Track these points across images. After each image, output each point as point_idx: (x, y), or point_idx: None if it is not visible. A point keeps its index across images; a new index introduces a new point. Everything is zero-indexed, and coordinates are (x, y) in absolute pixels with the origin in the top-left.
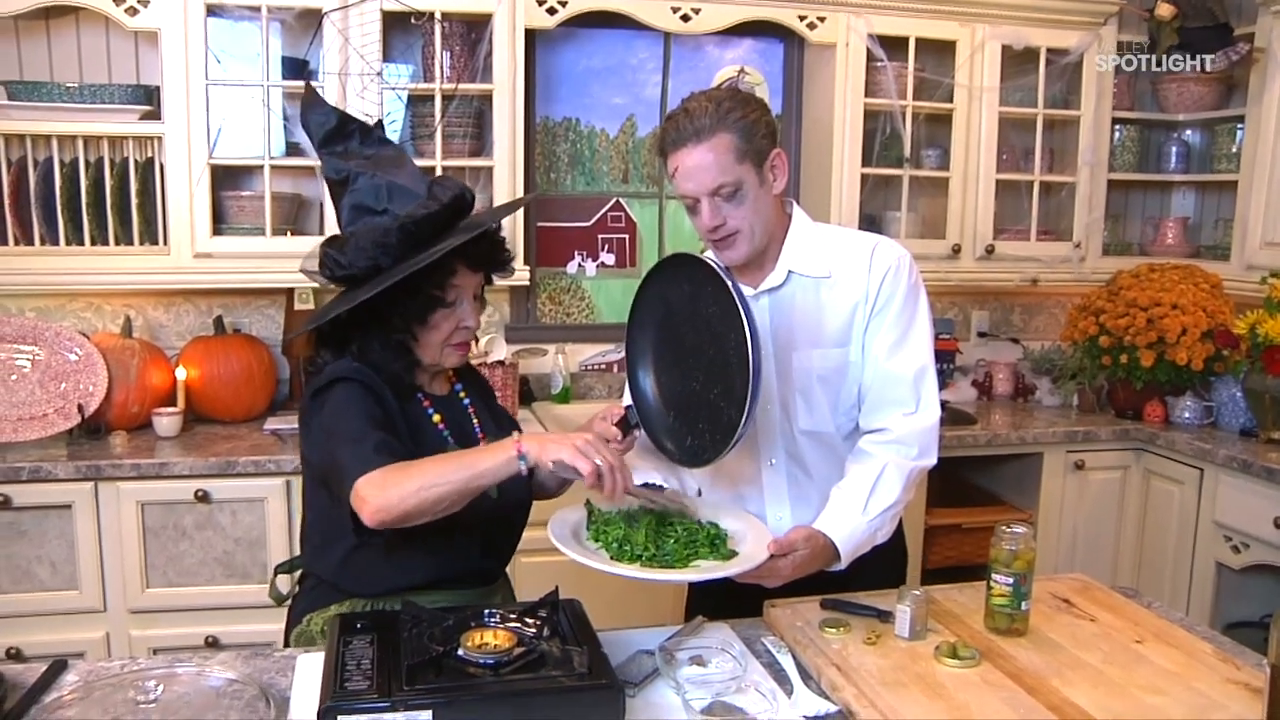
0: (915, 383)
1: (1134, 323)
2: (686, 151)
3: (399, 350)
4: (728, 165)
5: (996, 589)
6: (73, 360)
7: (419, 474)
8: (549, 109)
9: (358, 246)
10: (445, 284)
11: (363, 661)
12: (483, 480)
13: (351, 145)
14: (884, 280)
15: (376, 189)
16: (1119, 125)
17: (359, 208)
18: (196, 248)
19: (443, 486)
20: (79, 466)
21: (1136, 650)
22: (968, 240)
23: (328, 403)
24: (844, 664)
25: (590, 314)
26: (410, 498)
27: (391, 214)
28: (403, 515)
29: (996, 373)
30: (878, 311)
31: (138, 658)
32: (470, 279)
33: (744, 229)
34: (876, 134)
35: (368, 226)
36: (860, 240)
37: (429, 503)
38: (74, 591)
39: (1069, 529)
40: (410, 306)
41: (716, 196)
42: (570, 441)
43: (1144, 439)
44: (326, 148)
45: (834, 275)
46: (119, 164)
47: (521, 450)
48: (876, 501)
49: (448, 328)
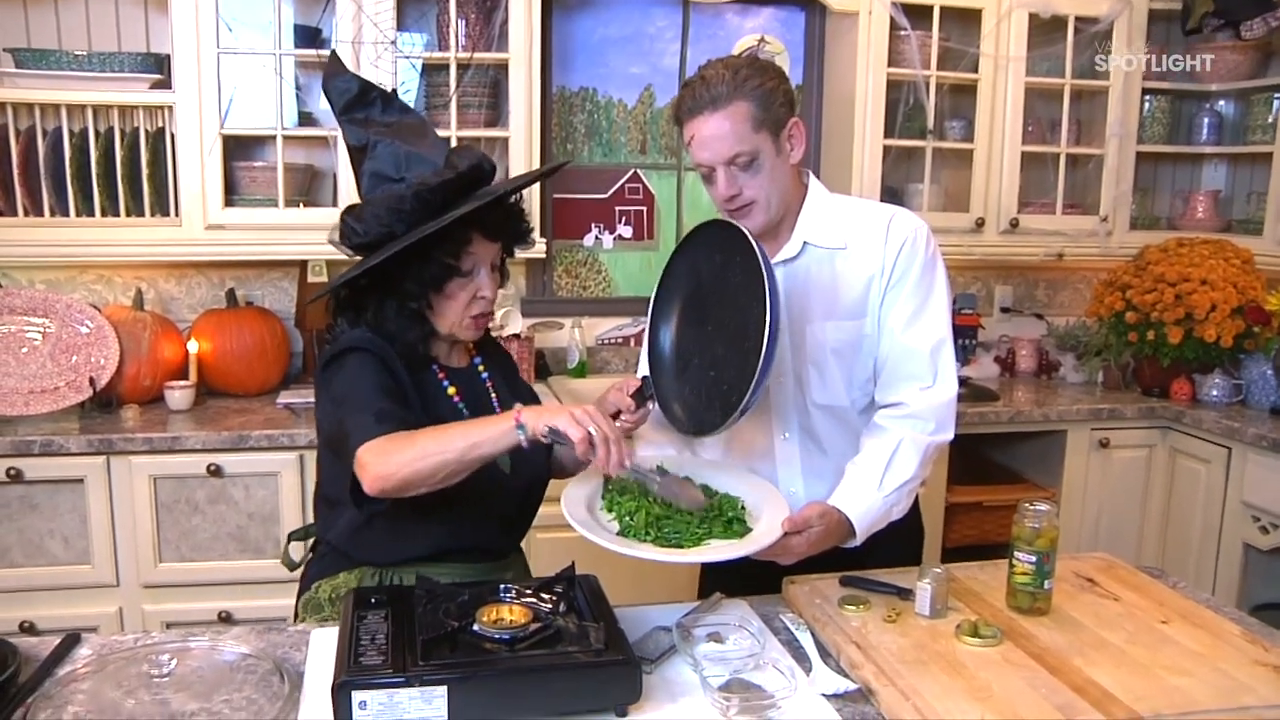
0: (932, 356)
1: (1161, 298)
2: (703, 120)
3: (415, 319)
4: (744, 134)
5: (1019, 567)
6: (84, 333)
7: (418, 443)
8: (565, 79)
9: (373, 214)
10: (461, 252)
11: (377, 636)
12: (480, 451)
13: (373, 113)
14: (900, 252)
15: (396, 157)
16: (1149, 95)
17: (378, 176)
18: (208, 219)
19: (440, 456)
20: (91, 440)
21: (1161, 631)
22: (991, 214)
23: (340, 371)
24: (863, 642)
25: (607, 287)
26: (407, 466)
27: (408, 182)
28: (401, 483)
29: (1020, 349)
30: (894, 284)
31: (151, 632)
32: (487, 249)
33: (760, 199)
34: (899, 105)
35: (384, 194)
36: (877, 211)
37: (427, 472)
38: (86, 566)
39: (1093, 508)
40: (425, 274)
41: (733, 166)
42: (568, 409)
43: (1170, 417)
44: (347, 115)
45: (850, 247)
46: (129, 134)
47: (520, 420)
48: (892, 477)
49: (464, 297)
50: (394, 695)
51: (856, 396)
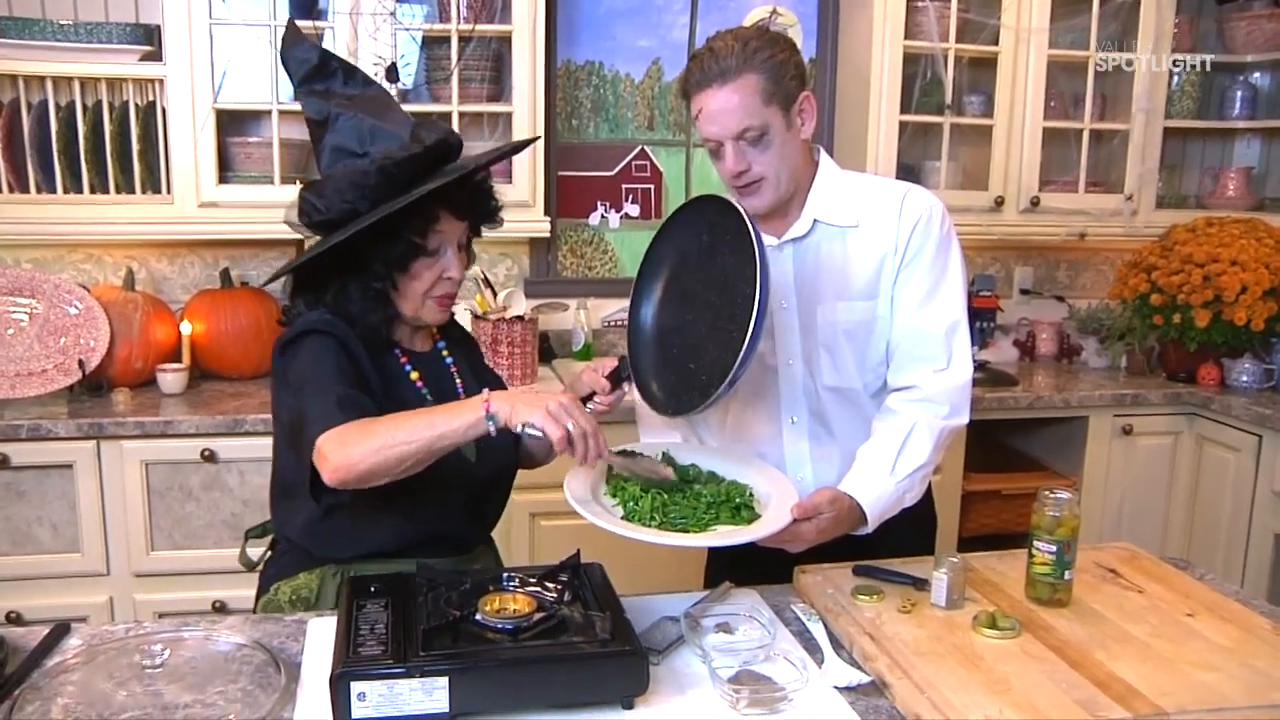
0: (946, 338)
1: (1189, 280)
2: (711, 93)
3: (378, 300)
4: (754, 108)
5: (1038, 557)
6: (73, 314)
7: (381, 431)
8: (571, 52)
9: (335, 190)
10: (427, 230)
11: (376, 626)
12: (448, 440)
13: (334, 85)
14: (914, 230)
15: (359, 131)
16: (1178, 68)
17: (339, 150)
18: (201, 196)
19: (405, 446)
20: (80, 424)
21: (1188, 624)
22: (1011, 192)
23: (297, 355)
24: (877, 633)
25: (613, 267)
26: (370, 456)
27: (372, 157)
28: (364, 474)
29: (1040, 332)
30: (907, 263)
31: (143, 622)
32: (454, 227)
33: (769, 175)
34: (916, 79)
35: (346, 170)
36: (890, 189)
37: (390, 462)
38: (76, 554)
39: (1115, 497)
40: (390, 253)
41: (741, 141)
42: (543, 403)
43: (1197, 403)
44: (306, 86)
45: (862, 225)
46: (118, 108)
47: (490, 410)
48: (905, 462)
49: (430, 277)
50: (394, 686)
51: (869, 380)
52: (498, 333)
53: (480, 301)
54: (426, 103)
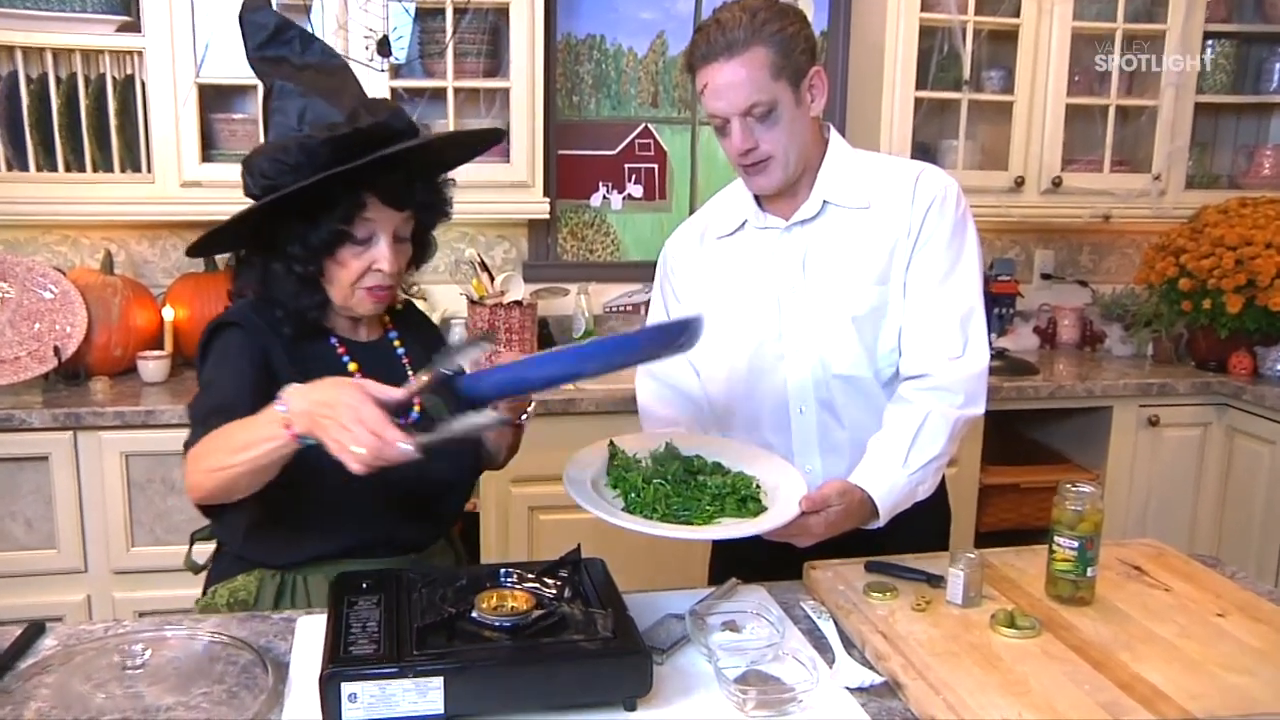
0: (962, 324)
1: (1220, 264)
2: (717, 67)
3: (306, 285)
4: (762, 82)
5: (1059, 553)
6: (47, 299)
7: (213, 451)
8: (571, 25)
9: (259, 166)
10: (355, 218)
11: (368, 624)
12: (269, 459)
13: (288, 53)
14: (928, 212)
15: (298, 105)
16: (1212, 40)
17: (280, 125)
18: (184, 175)
19: (233, 469)
20: (56, 415)
21: (1217, 624)
22: (1032, 172)
23: (208, 353)
24: (891, 632)
25: (615, 251)
26: (207, 480)
27: (306, 134)
28: (209, 495)
29: (1062, 318)
30: (921, 246)
31: (123, 621)
32: (388, 216)
33: (777, 154)
34: (933, 53)
35: (271, 143)
36: (903, 168)
37: (226, 483)
38: (51, 551)
39: (1141, 491)
40: (311, 238)
41: (749, 117)
42: (337, 420)
43: (1228, 393)
44: (259, 53)
45: (873, 206)
46: (94, 81)
47: (296, 431)
48: (918, 454)
49: (358, 267)
50: (386, 687)
51: (880, 367)
52: (494, 319)
53: (477, 286)
54: (420, 78)
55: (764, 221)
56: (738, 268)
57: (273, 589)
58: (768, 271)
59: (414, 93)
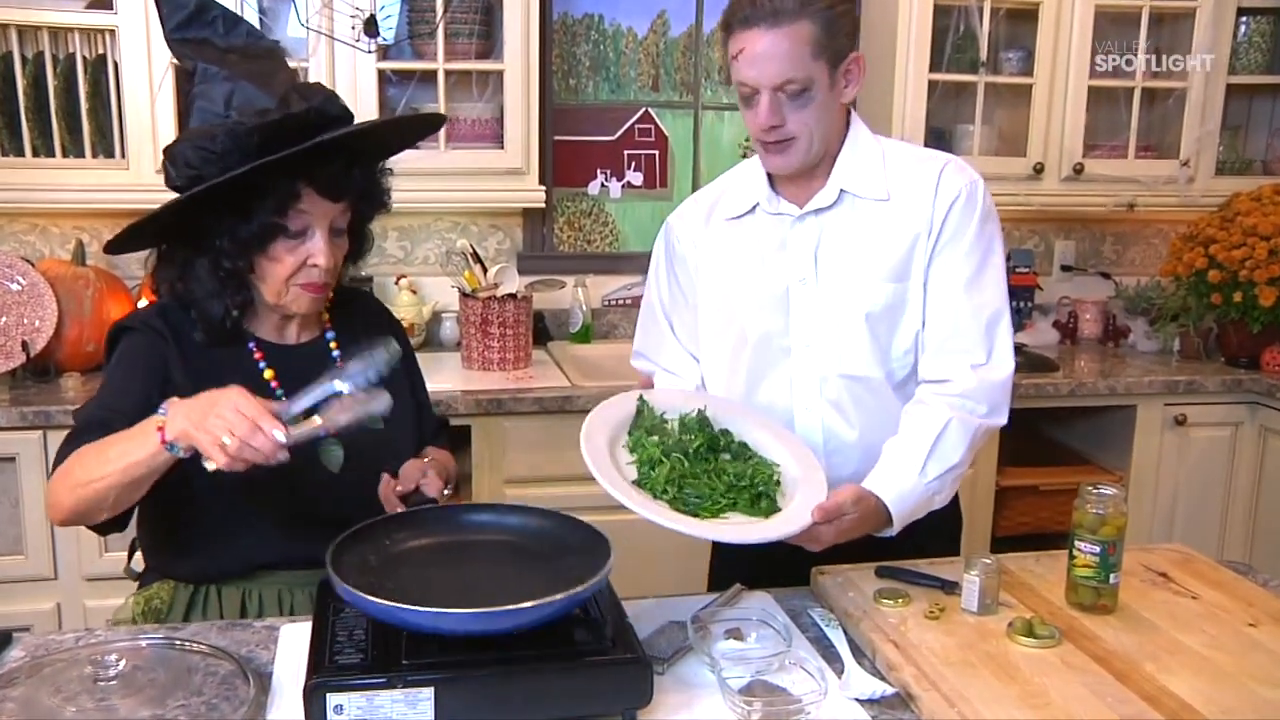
0: (987, 330)
1: (1252, 254)
2: (758, 34)
3: (230, 284)
4: (801, 59)
5: (1080, 559)
6: (15, 290)
7: (81, 465)
8: (568, 4)
9: (182, 154)
10: (288, 209)
11: (355, 632)
12: (139, 471)
13: (211, 34)
14: (951, 208)
15: (224, 90)
16: (1246, 16)
17: (204, 110)
18: (160, 161)
19: (98, 482)
20: (24, 413)
21: (1249, 635)
22: (1053, 158)
23: (109, 357)
24: (903, 640)
25: (614, 241)
26: (69, 494)
27: (233, 120)
28: (73, 513)
29: (1083, 312)
30: (944, 245)
31: (95, 630)
32: (324, 208)
33: (802, 136)
34: (948, 33)
35: (195, 130)
36: (926, 160)
37: (92, 499)
38: (19, 557)
39: (1167, 493)
40: (242, 232)
41: (780, 92)
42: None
43: (1260, 391)
44: (180, 33)
45: (893, 198)
46: (63, 61)
47: (167, 437)
48: (936, 462)
49: (292, 262)
50: (374, 698)
51: (894, 369)
52: (488, 312)
53: (469, 278)
54: (409, 59)
55: (776, 207)
56: (745, 253)
57: (184, 600)
58: (777, 260)
59: (403, 75)
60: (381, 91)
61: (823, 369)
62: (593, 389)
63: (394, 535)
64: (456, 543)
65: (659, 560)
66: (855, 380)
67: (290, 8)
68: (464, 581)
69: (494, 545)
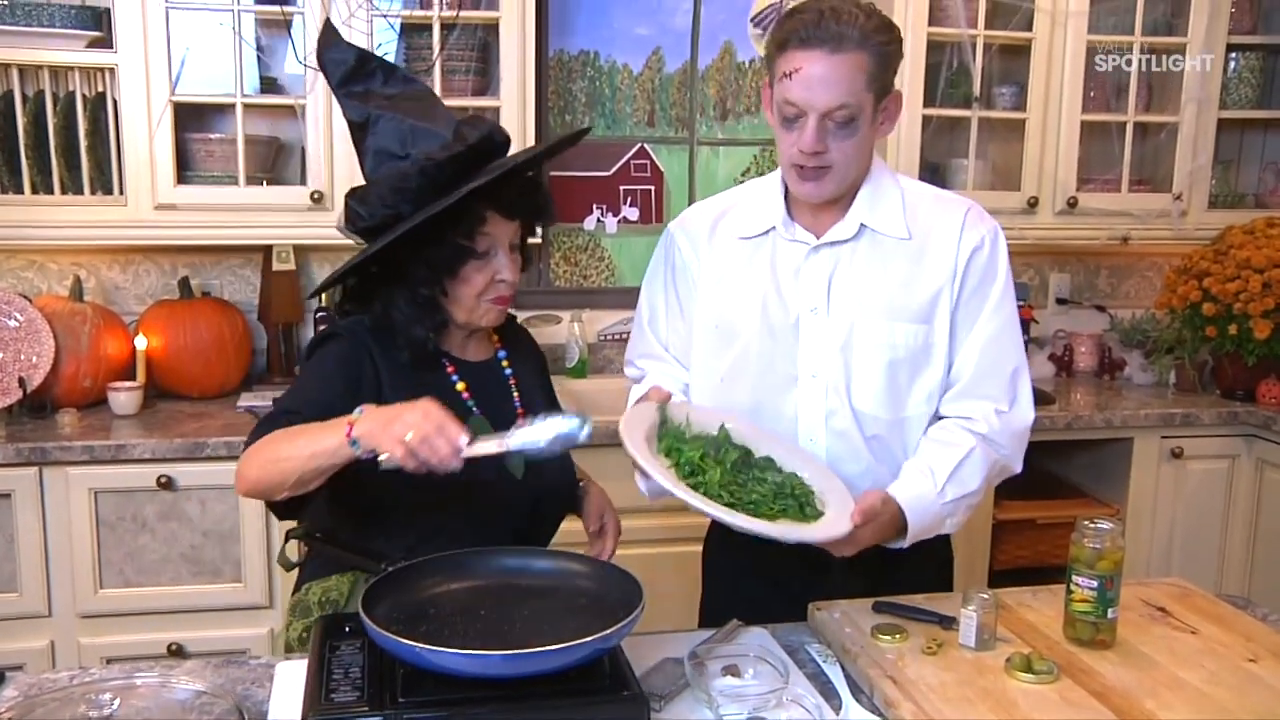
0: (1011, 380)
1: (1246, 287)
2: (818, 56)
3: (427, 308)
4: (855, 88)
5: (1078, 593)
6: (12, 327)
7: (274, 445)
8: (564, 40)
9: (377, 195)
10: (475, 232)
11: (351, 669)
12: (321, 461)
13: (373, 85)
14: (974, 256)
15: (400, 132)
16: (1236, 52)
17: (381, 153)
18: (158, 198)
19: (285, 463)
20: (20, 449)
21: (1249, 670)
22: (1046, 192)
23: (309, 362)
24: (900, 676)
25: (610, 276)
26: (257, 469)
27: (413, 158)
28: (255, 486)
29: (1079, 345)
30: (971, 295)
31: (89, 668)
32: (504, 227)
33: (839, 165)
34: (941, 69)
35: (387, 173)
36: (948, 203)
37: (276, 478)
38: (13, 594)
39: (1164, 526)
40: (437, 258)
41: (829, 119)
42: (402, 437)
43: (1257, 423)
44: (345, 89)
45: (915, 239)
46: (63, 99)
47: (352, 435)
48: (955, 486)
49: (481, 281)
50: None
51: (909, 416)
52: None
53: None
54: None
55: (792, 234)
56: (755, 276)
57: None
58: (790, 287)
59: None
60: None
61: (830, 401)
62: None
63: (423, 581)
64: (489, 587)
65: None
66: (868, 419)
67: (288, 44)
68: (500, 625)
69: (528, 590)
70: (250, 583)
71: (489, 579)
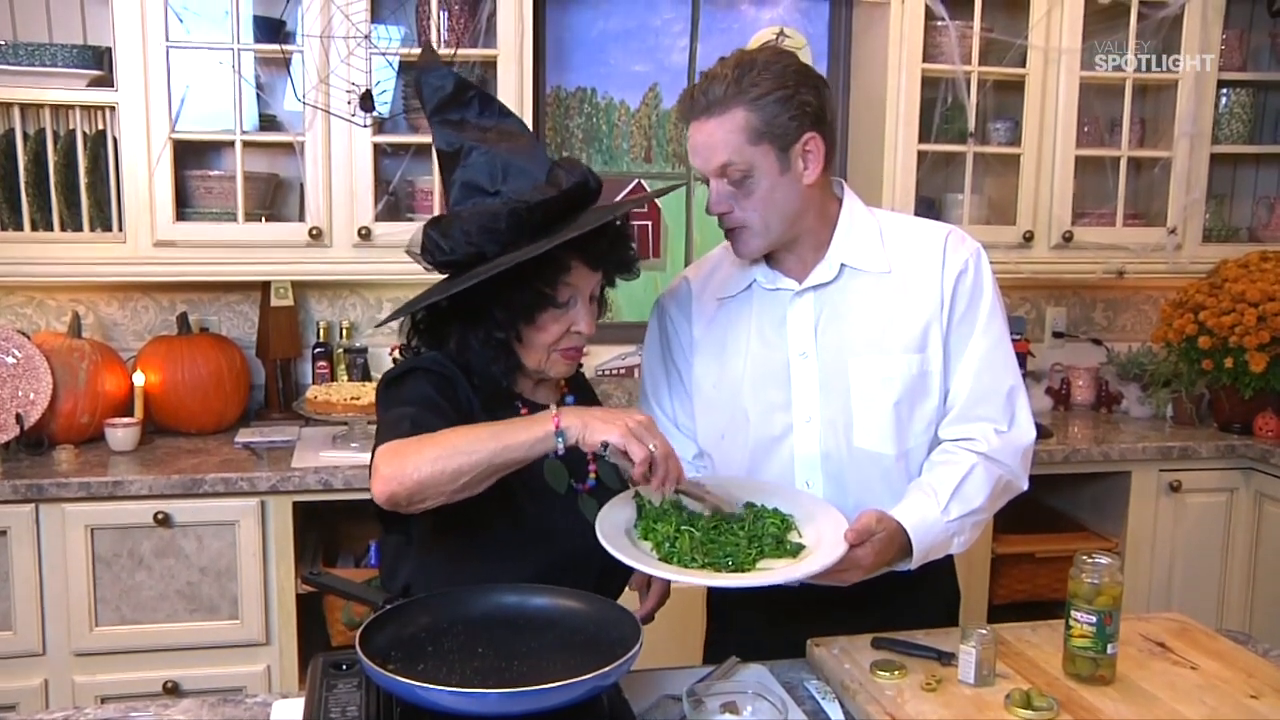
0: (1008, 400)
1: (1241, 320)
2: (698, 124)
3: (500, 351)
4: (736, 146)
5: (1077, 629)
6: (10, 363)
7: (441, 440)
8: (561, 77)
9: (462, 230)
10: (558, 281)
11: (349, 707)
12: (512, 454)
13: (468, 115)
14: (960, 281)
15: (492, 166)
16: (1227, 88)
17: (470, 186)
18: (157, 235)
19: (466, 456)
20: (16, 486)
21: (1251, 706)
22: (1042, 226)
23: (394, 391)
24: (899, 713)
25: (608, 312)
26: (424, 465)
27: (504, 196)
28: (414, 487)
29: (1075, 379)
30: (960, 320)
31: (84, 708)
32: (587, 278)
33: (752, 223)
34: (936, 104)
35: (475, 209)
36: (927, 232)
37: (447, 474)
38: (7, 632)
39: (1163, 561)
40: (516, 303)
41: (724, 179)
42: (621, 420)
43: (1254, 456)
44: (440, 115)
45: (896, 271)
46: (64, 137)
47: (559, 425)
48: (959, 503)
49: (556, 330)
50: None
51: (910, 447)
52: None
53: None
54: (404, 133)
55: (775, 283)
56: (743, 331)
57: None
58: (776, 336)
59: (398, 148)
60: (377, 165)
61: (826, 444)
62: None
63: (422, 618)
64: (488, 623)
65: (653, 632)
66: (865, 457)
67: (287, 82)
68: (498, 662)
69: (526, 627)
70: (247, 620)
71: (488, 616)
